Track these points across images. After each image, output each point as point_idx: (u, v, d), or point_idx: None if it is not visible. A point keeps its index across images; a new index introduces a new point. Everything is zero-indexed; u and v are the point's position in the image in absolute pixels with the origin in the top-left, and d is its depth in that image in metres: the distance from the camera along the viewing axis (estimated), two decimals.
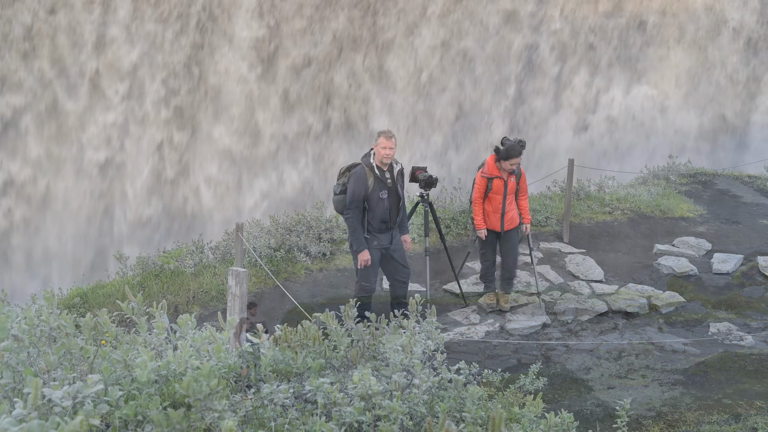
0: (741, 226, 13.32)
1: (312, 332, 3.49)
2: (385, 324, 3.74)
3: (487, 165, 9.21)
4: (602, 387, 7.69)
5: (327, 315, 3.55)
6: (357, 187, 8.09)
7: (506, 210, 9.13)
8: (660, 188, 14.91)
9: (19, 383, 3.12)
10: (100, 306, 9.04)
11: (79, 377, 3.11)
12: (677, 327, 9.24)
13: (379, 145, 8.08)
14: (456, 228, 11.94)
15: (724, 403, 7.26)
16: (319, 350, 3.50)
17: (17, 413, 2.59)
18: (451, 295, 10.10)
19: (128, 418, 2.92)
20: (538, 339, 8.90)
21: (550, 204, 13.34)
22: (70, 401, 2.71)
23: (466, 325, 9.21)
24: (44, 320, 3.28)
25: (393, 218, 8.28)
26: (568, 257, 11.28)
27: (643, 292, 9.96)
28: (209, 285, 9.50)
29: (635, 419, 6.93)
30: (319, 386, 3.10)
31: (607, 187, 14.52)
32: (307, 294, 9.76)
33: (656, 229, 13.03)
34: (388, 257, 8.39)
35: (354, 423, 3.05)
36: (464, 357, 7.76)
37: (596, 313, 9.35)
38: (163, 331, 3.51)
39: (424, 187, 9.07)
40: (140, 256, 10.23)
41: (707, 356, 8.36)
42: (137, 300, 3.60)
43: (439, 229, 9.49)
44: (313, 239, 10.73)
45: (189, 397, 2.94)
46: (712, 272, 10.95)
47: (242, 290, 6.88)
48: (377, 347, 3.56)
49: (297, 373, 3.38)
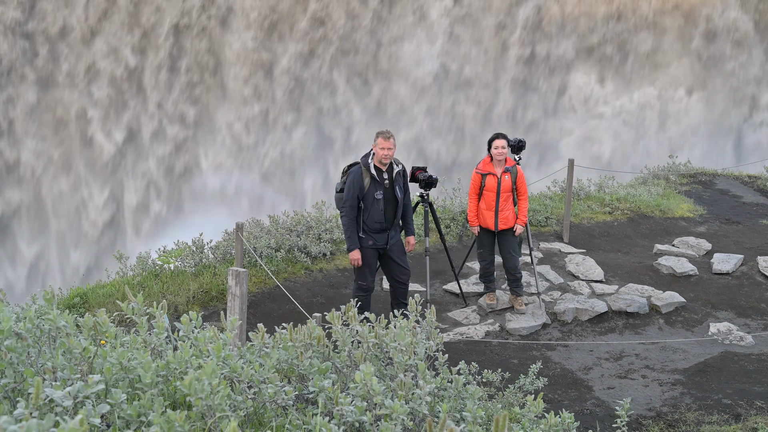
0: (741, 226, 13.32)
1: (316, 333, 3.49)
2: (384, 324, 3.75)
3: (483, 162, 9.23)
4: (602, 387, 7.69)
5: (333, 315, 3.54)
6: (352, 186, 8.10)
7: (500, 208, 9.10)
8: (660, 188, 14.92)
9: (20, 383, 3.12)
10: (101, 306, 9.04)
11: (80, 377, 3.11)
12: (677, 327, 9.24)
13: (377, 145, 8.07)
14: (456, 228, 11.95)
15: (724, 403, 7.26)
16: (323, 351, 3.50)
17: (18, 413, 2.59)
18: (451, 295, 10.10)
19: (130, 419, 2.93)
20: (538, 339, 8.89)
21: (550, 204, 13.35)
22: (71, 401, 2.71)
23: (466, 325, 9.21)
24: (48, 320, 3.28)
25: (389, 219, 8.25)
26: (568, 257, 11.27)
27: (643, 292, 9.96)
28: (209, 285, 9.49)
29: (635, 419, 6.93)
30: (322, 388, 3.10)
31: (607, 187, 14.52)
32: (307, 294, 9.76)
33: (656, 229, 13.03)
34: (386, 258, 8.37)
35: (355, 423, 3.05)
36: (464, 357, 7.76)
37: (596, 313, 9.35)
38: (163, 331, 3.51)
39: (424, 187, 9.07)
40: (140, 256, 10.23)
41: (707, 356, 8.36)
42: (138, 300, 3.60)
43: (439, 229, 9.49)
44: (313, 239, 10.73)
45: (191, 396, 2.94)
46: (712, 272, 10.95)
47: (242, 290, 6.88)
48: (380, 347, 3.56)
49: (300, 374, 3.38)
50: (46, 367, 3.05)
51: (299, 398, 3.36)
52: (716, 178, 16.40)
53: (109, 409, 2.86)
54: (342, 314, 3.61)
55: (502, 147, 9.00)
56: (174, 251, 10.23)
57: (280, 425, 3.15)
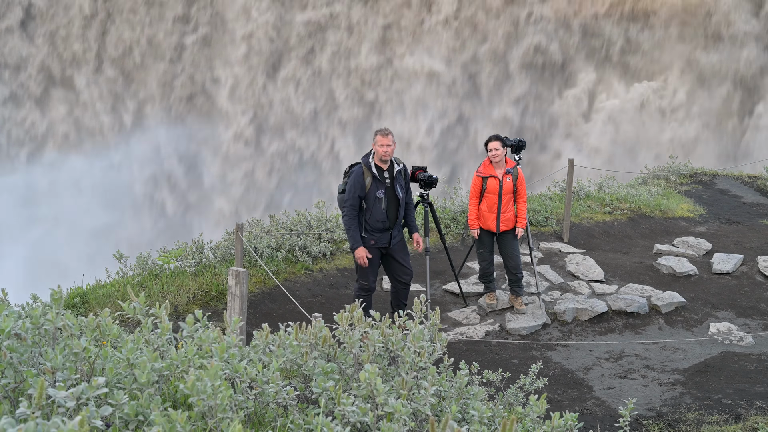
0: (741, 226, 13.32)
1: (323, 333, 3.49)
2: (388, 324, 3.74)
3: (483, 164, 9.24)
4: (602, 387, 7.69)
5: (342, 316, 3.54)
6: (353, 186, 8.10)
7: (502, 210, 9.11)
8: (660, 188, 14.92)
9: (21, 383, 3.12)
10: (101, 306, 9.03)
11: (82, 378, 3.10)
12: (677, 327, 9.24)
13: (376, 143, 8.07)
14: (456, 228, 11.95)
15: (724, 403, 7.26)
16: (329, 351, 3.50)
17: (21, 412, 2.58)
18: (451, 295, 10.10)
19: (129, 418, 2.92)
20: (538, 339, 8.89)
21: (550, 204, 13.34)
22: (74, 402, 2.70)
23: (466, 325, 9.21)
24: (50, 320, 3.27)
25: (391, 218, 8.25)
26: (568, 257, 11.27)
27: (643, 292, 9.96)
28: (209, 285, 9.49)
29: (635, 419, 6.93)
30: (325, 388, 3.10)
31: (607, 187, 14.52)
32: (307, 294, 9.75)
33: (656, 229, 13.03)
34: (388, 258, 8.37)
35: (357, 423, 3.05)
36: (464, 357, 7.77)
37: (596, 313, 9.35)
38: (166, 331, 3.50)
39: (424, 187, 9.07)
40: (140, 256, 10.22)
41: (707, 356, 8.36)
42: (139, 300, 3.60)
43: (439, 229, 9.49)
44: (314, 239, 10.73)
45: (192, 396, 2.94)
46: (712, 272, 10.95)
47: (242, 290, 6.88)
48: (386, 347, 3.55)
49: (303, 374, 3.38)
50: (45, 367, 3.05)
51: (301, 398, 3.36)
52: (716, 178, 16.40)
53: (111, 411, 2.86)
54: (348, 315, 3.60)
55: (495, 149, 9.00)
56: (174, 251, 10.22)
57: (281, 425, 3.15)
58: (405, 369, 3.30)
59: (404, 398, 3.11)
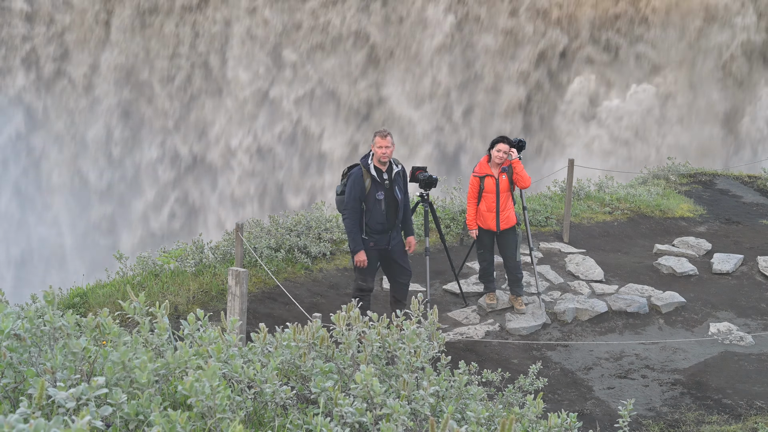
0: (741, 226, 13.32)
1: (320, 333, 3.49)
2: (386, 324, 3.74)
3: (479, 164, 9.25)
4: (602, 387, 7.70)
5: (339, 317, 3.54)
6: (353, 188, 8.09)
7: (501, 209, 9.12)
8: (660, 188, 14.92)
9: (21, 383, 3.12)
10: (101, 306, 9.03)
11: (81, 378, 3.11)
12: (677, 327, 9.25)
13: (375, 144, 8.07)
14: (456, 228, 11.95)
15: (724, 403, 7.26)
16: (327, 352, 3.50)
17: (21, 412, 2.59)
18: (451, 295, 10.10)
19: (129, 418, 2.92)
20: (538, 339, 8.89)
21: (550, 204, 13.34)
22: (74, 402, 2.70)
23: (466, 325, 9.21)
24: (48, 320, 3.28)
25: (391, 219, 8.25)
26: (568, 257, 11.27)
27: (643, 292, 9.97)
28: (209, 285, 9.49)
29: (635, 419, 6.93)
30: (323, 389, 3.10)
31: (607, 187, 14.52)
32: (307, 294, 9.75)
33: (656, 229, 13.03)
34: (388, 259, 8.37)
35: (355, 424, 3.05)
36: (464, 357, 7.77)
37: (596, 313, 9.35)
38: (163, 331, 3.50)
39: (424, 187, 9.07)
40: (140, 256, 10.22)
41: (707, 356, 8.36)
42: (139, 300, 3.60)
43: (439, 229, 9.49)
44: (313, 239, 10.73)
45: (191, 397, 2.94)
46: (712, 272, 10.95)
47: (242, 290, 6.88)
48: (383, 347, 3.56)
49: (301, 375, 3.38)
50: (45, 367, 3.05)
51: (299, 398, 3.37)
52: (716, 178, 16.40)
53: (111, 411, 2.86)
54: (345, 315, 3.60)
55: (504, 152, 9.02)
56: (174, 251, 10.23)
57: (280, 425, 3.15)
58: (402, 369, 3.31)
59: (403, 398, 3.11)
